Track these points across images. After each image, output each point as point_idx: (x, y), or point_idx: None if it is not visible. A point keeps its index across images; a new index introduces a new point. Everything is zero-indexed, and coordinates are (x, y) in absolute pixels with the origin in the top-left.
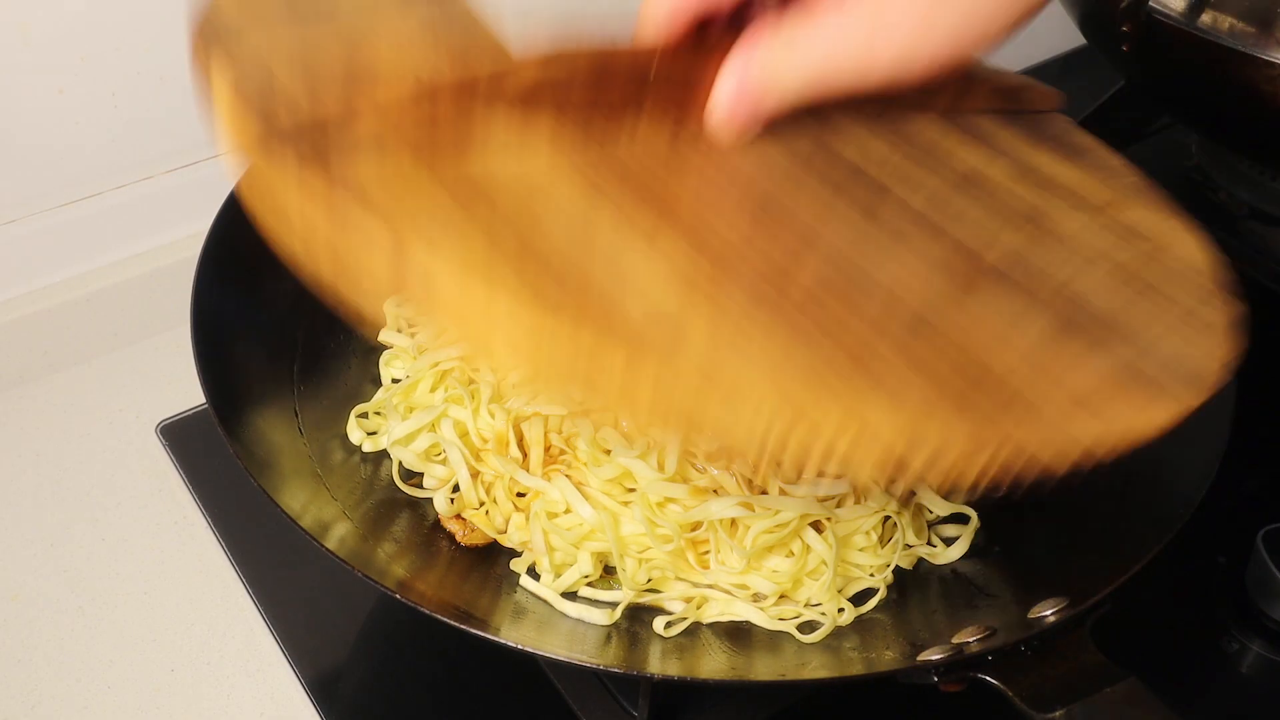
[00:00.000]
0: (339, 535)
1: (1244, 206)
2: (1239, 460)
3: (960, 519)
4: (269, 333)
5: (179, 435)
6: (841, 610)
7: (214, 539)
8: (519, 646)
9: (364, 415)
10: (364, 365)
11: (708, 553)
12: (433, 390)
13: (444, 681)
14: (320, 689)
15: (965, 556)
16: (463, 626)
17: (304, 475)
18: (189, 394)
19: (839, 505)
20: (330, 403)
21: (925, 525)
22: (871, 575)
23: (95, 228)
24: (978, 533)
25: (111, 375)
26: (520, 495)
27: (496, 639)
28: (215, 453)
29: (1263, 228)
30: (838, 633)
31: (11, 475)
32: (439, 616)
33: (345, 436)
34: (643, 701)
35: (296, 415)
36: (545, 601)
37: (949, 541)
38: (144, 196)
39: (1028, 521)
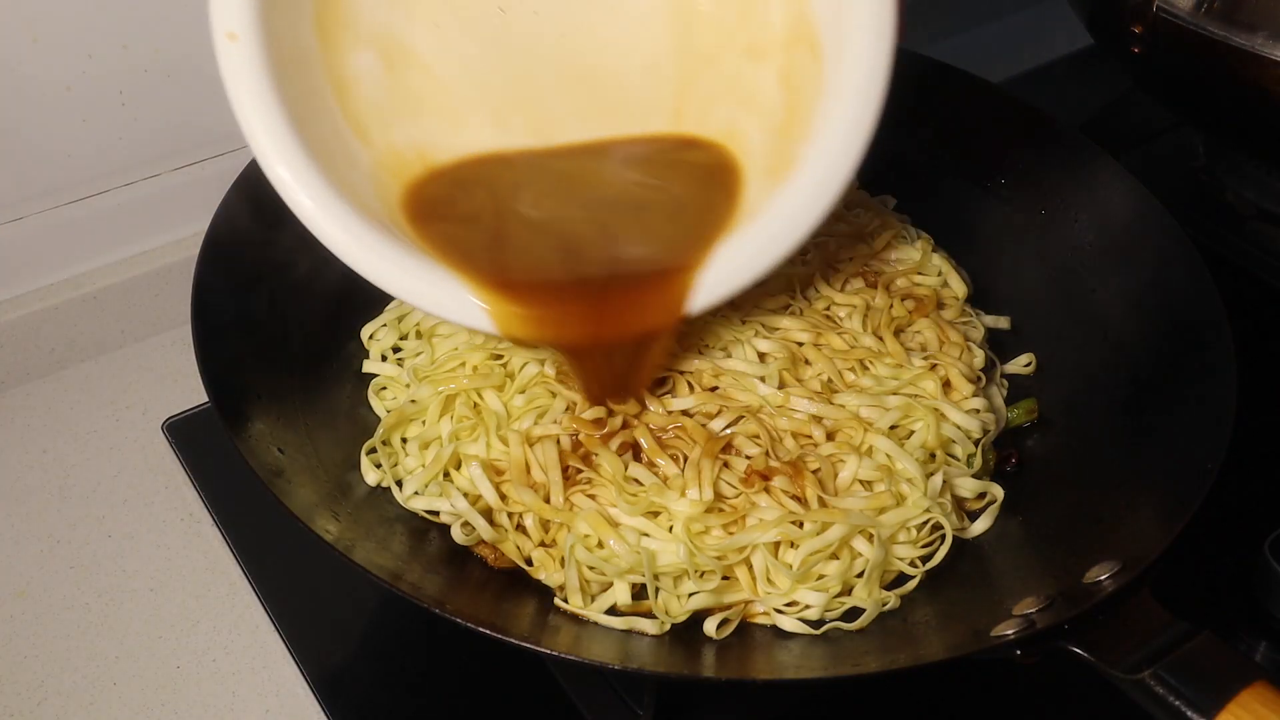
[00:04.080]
0: (364, 552)
1: (1251, 207)
2: (1245, 462)
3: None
4: (270, 329)
5: (185, 432)
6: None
7: (219, 536)
8: (526, 645)
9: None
10: (363, 354)
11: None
12: (439, 418)
13: (450, 678)
14: (326, 686)
15: (989, 531)
16: (473, 625)
17: (319, 482)
18: (195, 391)
19: (881, 513)
20: (334, 402)
21: (963, 512)
22: (913, 565)
23: (103, 225)
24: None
25: (118, 372)
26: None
27: (505, 638)
28: (221, 450)
29: (1270, 228)
30: (879, 619)
31: (18, 472)
32: (461, 620)
33: (359, 448)
34: (648, 700)
35: (304, 423)
36: (576, 615)
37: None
38: (151, 194)
39: (1044, 494)
